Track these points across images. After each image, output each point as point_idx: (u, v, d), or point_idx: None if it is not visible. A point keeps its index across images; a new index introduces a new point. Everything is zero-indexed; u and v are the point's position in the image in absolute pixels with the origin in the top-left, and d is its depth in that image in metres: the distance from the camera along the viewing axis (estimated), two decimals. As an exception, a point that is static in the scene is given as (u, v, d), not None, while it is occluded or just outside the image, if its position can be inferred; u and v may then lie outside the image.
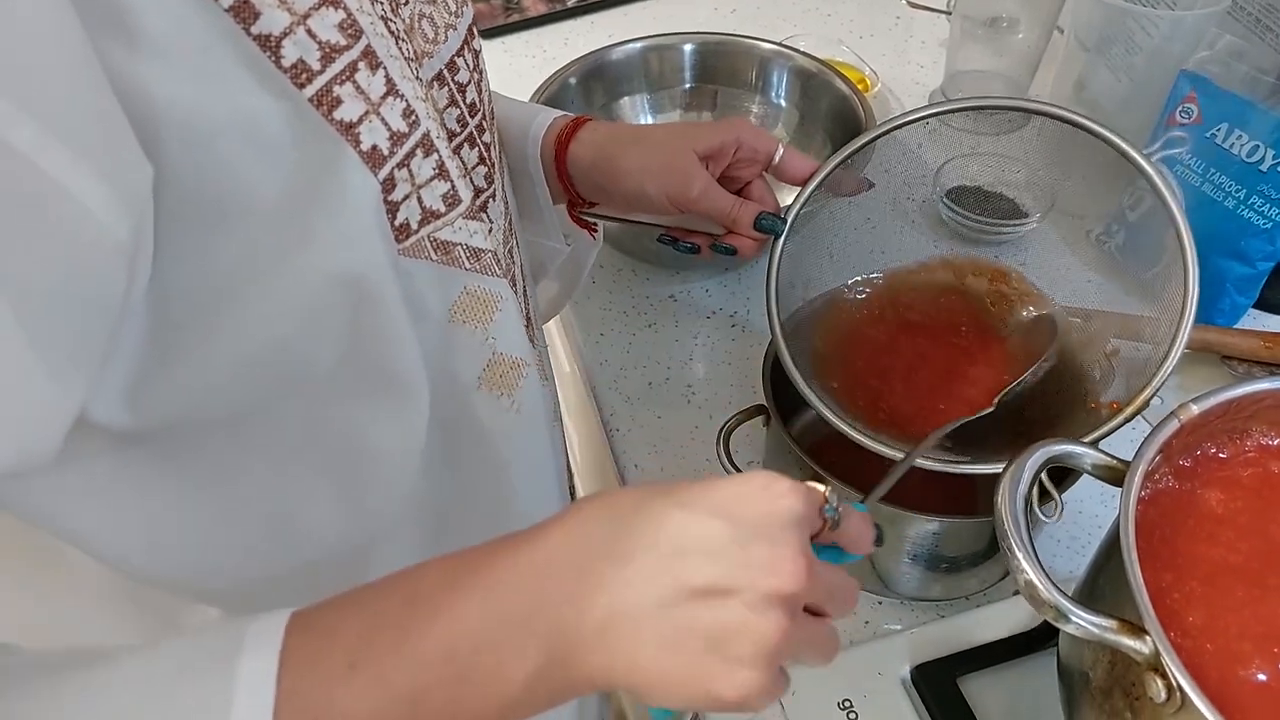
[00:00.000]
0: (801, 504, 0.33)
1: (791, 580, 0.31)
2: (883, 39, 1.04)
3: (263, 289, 0.34)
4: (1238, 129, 0.69)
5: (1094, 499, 0.63)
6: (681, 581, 0.31)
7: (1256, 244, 0.70)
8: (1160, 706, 0.37)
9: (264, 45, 0.31)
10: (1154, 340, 0.54)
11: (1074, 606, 0.39)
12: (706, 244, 0.60)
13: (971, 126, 0.69)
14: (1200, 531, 0.43)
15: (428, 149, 0.37)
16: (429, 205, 0.38)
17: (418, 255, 0.39)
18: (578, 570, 0.32)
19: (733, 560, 0.31)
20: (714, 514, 0.32)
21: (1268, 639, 0.39)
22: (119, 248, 0.29)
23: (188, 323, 0.33)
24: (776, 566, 0.31)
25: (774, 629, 0.31)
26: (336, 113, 0.33)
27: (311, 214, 0.34)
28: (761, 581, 0.31)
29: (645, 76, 0.88)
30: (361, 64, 0.34)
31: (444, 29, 0.41)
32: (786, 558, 0.32)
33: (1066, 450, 0.44)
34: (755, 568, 0.31)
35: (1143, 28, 0.77)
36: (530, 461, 0.50)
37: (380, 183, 0.35)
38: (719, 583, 0.31)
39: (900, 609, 0.59)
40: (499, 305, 0.43)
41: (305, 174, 0.33)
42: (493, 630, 0.31)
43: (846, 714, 0.54)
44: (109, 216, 0.27)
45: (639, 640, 0.31)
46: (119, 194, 0.28)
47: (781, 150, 0.59)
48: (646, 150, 0.57)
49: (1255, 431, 0.46)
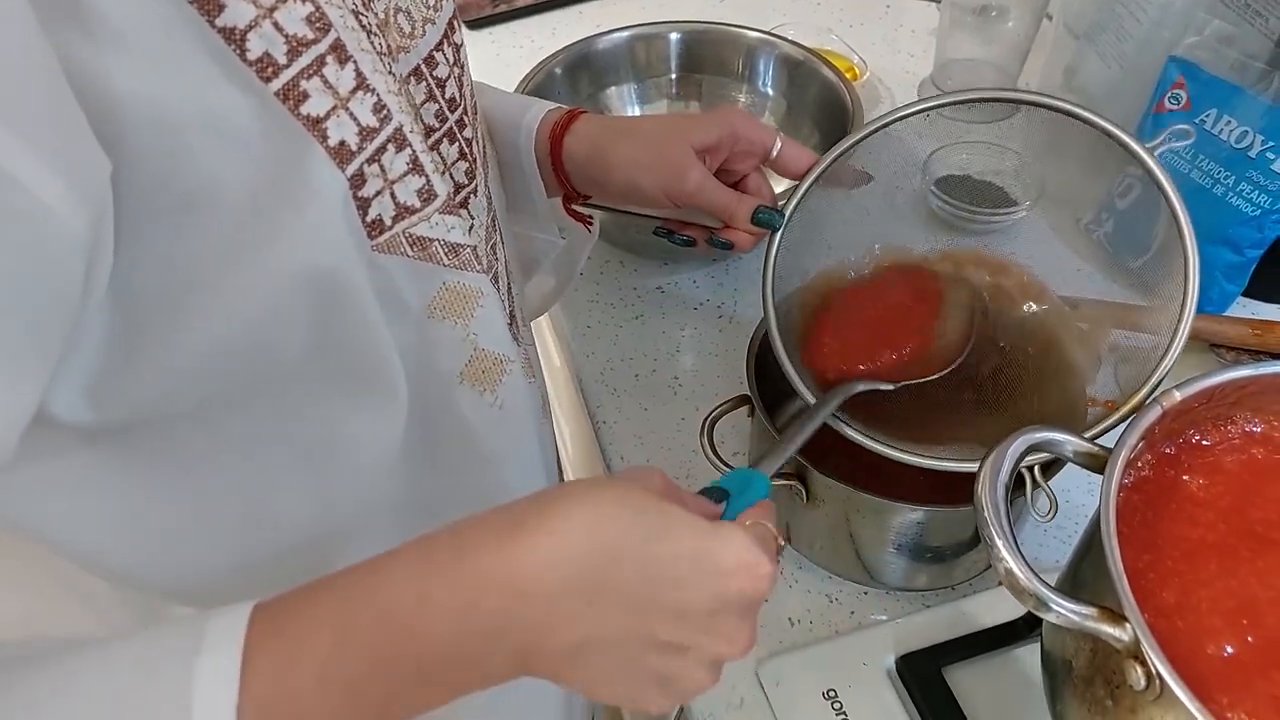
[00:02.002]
0: (769, 585, 0.35)
1: (742, 651, 0.35)
2: (872, 28, 1.04)
3: (228, 283, 0.33)
4: (1226, 115, 0.68)
5: (1081, 488, 0.62)
6: (649, 635, 0.34)
7: (1245, 231, 0.70)
8: (1140, 694, 0.37)
9: (229, 38, 0.30)
10: (1150, 330, 0.54)
11: (1054, 595, 0.38)
12: (703, 237, 0.59)
13: (961, 115, 0.69)
14: (1181, 514, 0.43)
15: (400, 144, 0.37)
16: (403, 201, 0.38)
17: (393, 251, 0.38)
18: (554, 600, 0.33)
19: (699, 627, 0.34)
20: (695, 579, 0.34)
21: (1238, 612, 0.39)
22: (75, 242, 0.28)
23: (151, 317, 0.33)
24: (734, 639, 0.35)
25: (711, 680, 0.36)
26: (303, 108, 0.33)
27: (278, 209, 0.33)
28: (718, 649, 0.35)
29: (632, 66, 0.87)
30: (330, 58, 0.33)
31: (422, 23, 0.40)
32: (745, 633, 0.35)
33: (1047, 437, 0.44)
34: (717, 636, 0.35)
35: (1131, 14, 0.77)
36: (517, 458, 0.49)
37: (349, 178, 0.35)
38: (683, 642, 0.34)
39: (885, 599, 0.59)
40: (479, 301, 0.43)
41: (271, 168, 0.32)
42: (462, 648, 0.32)
43: (831, 704, 0.53)
44: (64, 209, 0.27)
45: (600, 670, 0.34)
46: (74, 187, 0.27)
47: (779, 143, 0.58)
48: (641, 144, 0.56)
49: (1239, 418, 0.46)
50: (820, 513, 0.57)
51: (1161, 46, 0.74)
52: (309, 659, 0.30)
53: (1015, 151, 0.76)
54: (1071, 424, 0.50)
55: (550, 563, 0.33)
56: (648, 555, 0.33)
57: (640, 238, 0.78)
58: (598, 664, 0.34)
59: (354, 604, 0.32)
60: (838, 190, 0.62)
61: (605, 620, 0.33)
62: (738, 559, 0.34)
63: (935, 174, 0.77)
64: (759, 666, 0.56)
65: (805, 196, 0.60)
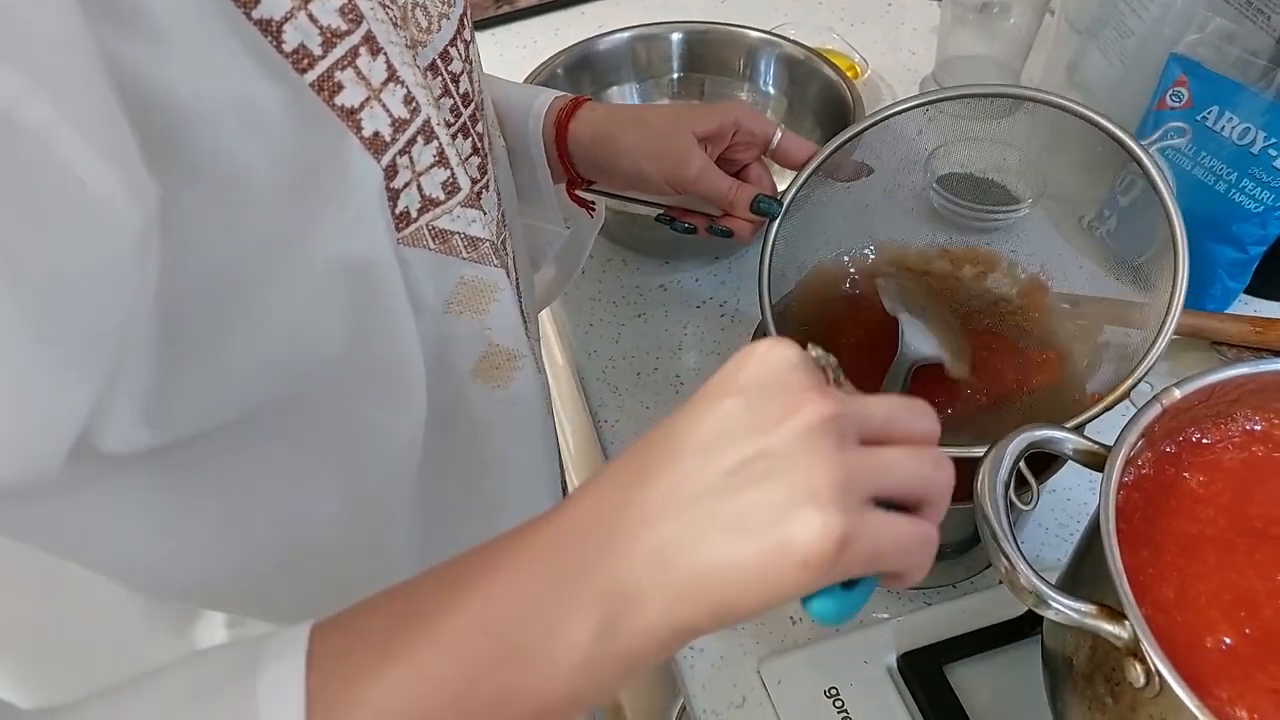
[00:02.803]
0: (783, 348, 0.31)
1: (811, 410, 0.29)
2: (873, 26, 1.04)
3: (269, 278, 0.33)
4: (1228, 112, 0.68)
5: (1082, 487, 0.63)
6: (712, 472, 0.29)
7: (1248, 228, 0.69)
8: (1139, 691, 0.37)
9: (265, 30, 0.30)
10: (1144, 326, 0.54)
11: (1053, 592, 0.38)
12: (704, 225, 0.60)
13: (963, 113, 0.69)
14: (1180, 510, 0.43)
15: (428, 136, 0.37)
16: (429, 193, 0.38)
17: (416, 244, 0.38)
18: (610, 516, 0.29)
19: (749, 427, 0.29)
20: (714, 399, 0.30)
21: (1235, 605, 0.39)
22: (132, 241, 0.27)
23: (198, 325, 0.32)
24: (789, 406, 0.29)
25: (818, 460, 0.28)
26: (338, 99, 0.33)
27: (315, 201, 0.33)
28: (785, 429, 0.28)
29: (633, 66, 0.87)
30: (363, 49, 0.33)
31: (437, 18, 0.40)
32: (795, 394, 0.29)
33: (1047, 435, 0.44)
34: (772, 421, 0.29)
35: (1134, 10, 0.77)
36: (524, 454, 0.50)
37: (384, 169, 0.35)
38: (747, 453, 0.29)
39: (887, 597, 0.59)
40: (495, 295, 0.43)
41: (307, 161, 0.32)
42: (531, 600, 0.29)
43: (833, 702, 0.53)
44: (122, 206, 0.26)
45: (695, 549, 0.28)
46: (130, 186, 0.27)
47: (780, 134, 0.59)
48: (645, 131, 0.57)
49: (1239, 415, 0.46)
50: (821, 511, 0.57)
51: (1163, 43, 0.74)
52: (368, 644, 0.29)
53: (1017, 149, 0.75)
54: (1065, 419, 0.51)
55: (592, 494, 0.31)
56: (670, 427, 0.31)
57: (643, 235, 0.78)
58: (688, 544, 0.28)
59: (407, 588, 0.31)
60: (839, 184, 0.63)
61: (664, 496, 0.29)
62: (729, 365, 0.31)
63: (937, 171, 0.77)
64: (761, 665, 0.56)
65: (806, 191, 0.60)
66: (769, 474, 0.28)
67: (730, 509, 0.28)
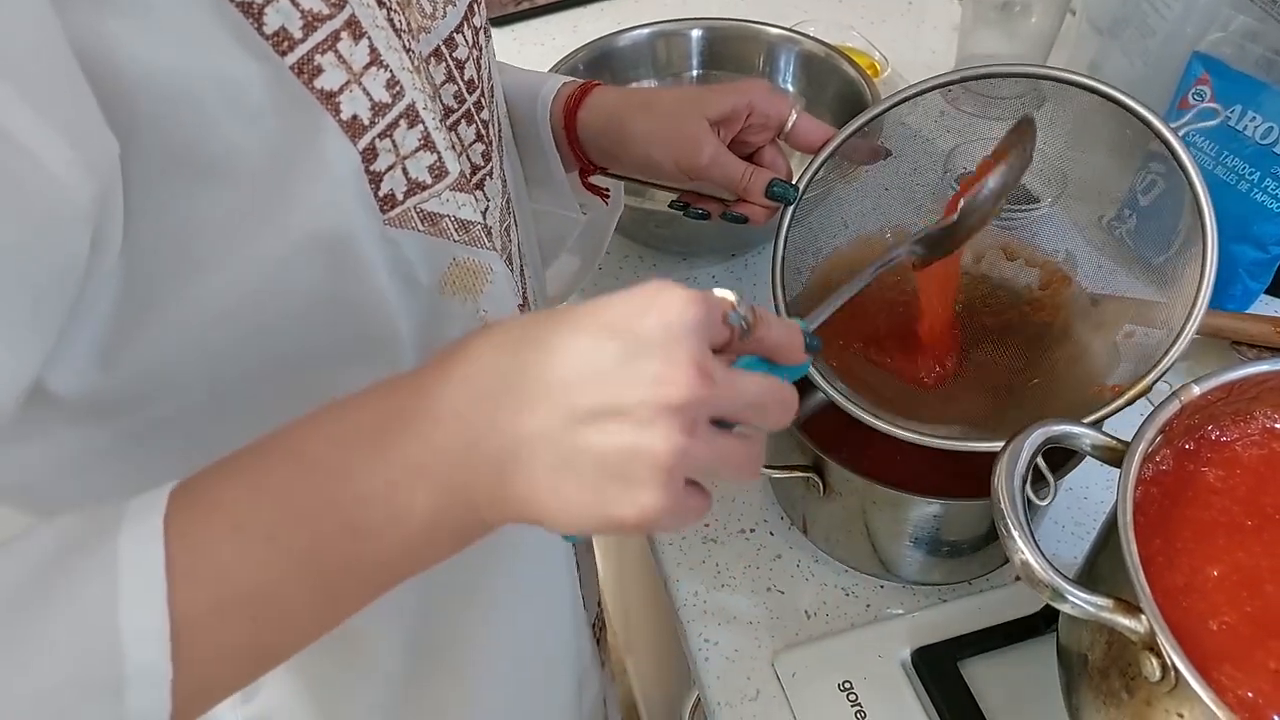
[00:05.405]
0: (695, 310, 0.30)
1: (682, 390, 0.29)
2: (894, 24, 1.04)
3: (241, 246, 0.34)
4: (1251, 111, 0.68)
5: (1099, 484, 0.62)
6: (570, 407, 0.30)
7: (1270, 228, 0.69)
8: (1155, 685, 0.37)
9: (246, 11, 0.31)
10: (1165, 325, 0.54)
11: (1070, 585, 0.38)
12: (718, 211, 0.59)
13: (982, 111, 0.69)
14: (1196, 502, 0.43)
15: (412, 120, 0.37)
16: (414, 176, 0.38)
17: (404, 225, 0.39)
18: (467, 412, 0.31)
19: (620, 378, 0.30)
20: (601, 334, 0.30)
21: (1239, 585, 0.39)
22: (80, 212, 0.28)
23: (164, 275, 0.34)
24: (665, 377, 0.29)
25: (665, 445, 0.29)
26: (317, 81, 0.33)
27: (292, 179, 0.34)
28: (650, 396, 0.29)
29: (653, 63, 0.88)
30: (344, 33, 0.34)
31: (443, 5, 0.41)
32: (677, 366, 0.29)
33: (1066, 430, 0.44)
34: (643, 383, 0.29)
35: (1156, 9, 0.76)
36: None
37: (360, 152, 0.35)
38: (608, 403, 0.29)
39: (901, 593, 0.59)
40: (489, 277, 0.43)
41: (285, 140, 0.33)
42: (379, 481, 0.30)
43: (846, 696, 0.54)
44: (71, 179, 0.27)
45: (534, 470, 0.30)
46: (83, 158, 0.28)
47: (795, 115, 0.57)
48: (655, 116, 0.56)
49: (1259, 414, 0.46)
50: (837, 505, 0.57)
51: (1185, 42, 0.74)
52: (222, 512, 0.30)
53: (1037, 148, 0.75)
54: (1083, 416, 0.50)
55: (455, 378, 0.31)
56: (549, 337, 0.31)
57: (659, 232, 0.78)
58: (530, 464, 0.30)
59: (267, 458, 0.32)
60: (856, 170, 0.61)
61: (522, 411, 0.30)
62: (636, 296, 0.31)
63: (957, 169, 0.77)
64: (775, 658, 0.56)
65: (823, 180, 0.59)
66: (617, 434, 0.30)
67: (575, 453, 0.30)
